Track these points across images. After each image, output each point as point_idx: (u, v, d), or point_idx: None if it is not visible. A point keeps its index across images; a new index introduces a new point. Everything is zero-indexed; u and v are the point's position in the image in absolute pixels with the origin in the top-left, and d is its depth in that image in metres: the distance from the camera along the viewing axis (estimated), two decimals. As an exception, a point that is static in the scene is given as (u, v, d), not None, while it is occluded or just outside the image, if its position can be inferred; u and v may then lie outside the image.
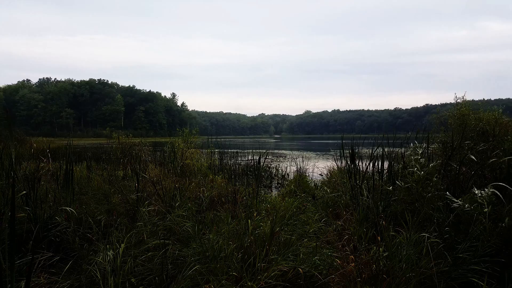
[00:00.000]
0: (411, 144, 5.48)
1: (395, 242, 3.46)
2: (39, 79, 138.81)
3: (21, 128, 32.37)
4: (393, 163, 5.45)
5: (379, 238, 3.59)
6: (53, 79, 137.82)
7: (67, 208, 4.42)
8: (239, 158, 11.58)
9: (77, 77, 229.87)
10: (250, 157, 13.26)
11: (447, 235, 3.56)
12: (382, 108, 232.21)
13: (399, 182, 4.50)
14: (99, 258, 3.27)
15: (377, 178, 5.49)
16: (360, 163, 6.01)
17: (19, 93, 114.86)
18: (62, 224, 4.22)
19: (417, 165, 4.42)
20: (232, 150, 13.99)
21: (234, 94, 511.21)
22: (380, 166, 5.55)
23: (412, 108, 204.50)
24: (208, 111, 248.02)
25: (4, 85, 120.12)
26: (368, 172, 5.64)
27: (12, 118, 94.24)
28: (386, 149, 5.82)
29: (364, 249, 3.60)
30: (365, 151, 6.91)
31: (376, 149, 5.64)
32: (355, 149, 6.19)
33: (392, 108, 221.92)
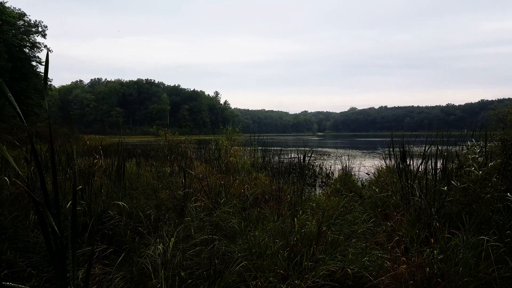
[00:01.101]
0: (468, 143, 5.16)
1: (451, 245, 3.32)
2: (91, 79, 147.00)
3: (74, 126, 34.88)
4: (447, 162, 5.17)
5: (432, 240, 3.43)
6: (103, 80, 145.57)
7: (119, 203, 4.65)
8: (282, 156, 11.54)
9: (125, 77, 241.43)
10: (293, 155, 13.20)
11: (508, 239, 3.37)
12: (433, 104, 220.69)
13: (454, 182, 4.26)
14: (150, 251, 3.41)
15: (430, 177, 5.23)
16: (411, 162, 5.76)
17: (72, 93, 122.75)
18: (115, 218, 4.44)
19: (475, 165, 4.17)
20: (275, 148, 13.99)
21: (276, 92, 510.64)
22: (433, 165, 5.28)
23: (466, 104, 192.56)
24: (250, 109, 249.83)
25: (59, 85, 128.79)
26: (420, 171, 5.39)
27: (69, 117, 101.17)
28: (439, 147, 5.53)
29: (416, 252, 3.47)
30: (416, 149, 6.60)
31: (429, 148, 5.37)
32: (406, 147, 5.93)
33: (444, 104, 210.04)
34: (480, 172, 3.96)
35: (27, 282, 3.02)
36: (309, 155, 7.54)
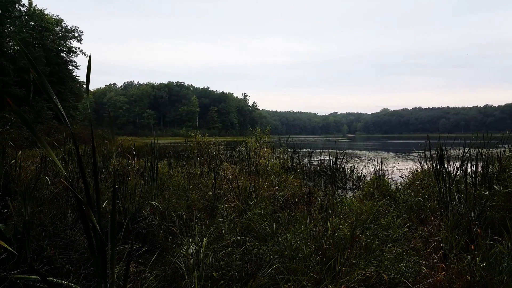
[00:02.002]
0: (510, 145, 4.90)
1: (493, 252, 3.17)
2: (124, 82, 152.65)
3: (108, 128, 36.17)
4: (488, 166, 4.92)
5: (472, 247, 3.28)
6: (136, 83, 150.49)
7: (153, 202, 4.75)
8: (312, 158, 11.41)
9: (157, 80, 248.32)
10: (322, 157, 13.03)
11: None
12: (470, 105, 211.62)
13: (496, 186, 4.04)
14: (182, 251, 3.45)
15: (469, 181, 4.99)
16: (449, 165, 5.53)
17: (106, 96, 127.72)
18: (148, 217, 4.53)
19: (520, 168, 3.94)
20: (304, 150, 13.86)
21: (305, 93, 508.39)
22: (473, 168, 5.04)
23: (505, 105, 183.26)
24: (278, 110, 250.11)
25: (94, 88, 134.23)
26: (458, 175, 5.17)
27: (102, 119, 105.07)
28: (479, 150, 5.28)
29: (456, 258, 3.34)
30: (452, 152, 6.33)
31: (468, 150, 5.13)
32: (442, 149, 5.69)
33: (482, 105, 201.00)
34: (526, 176, 3.74)
35: (65, 279, 3.10)
36: (342, 157, 7.41)
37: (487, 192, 4.21)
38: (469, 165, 5.27)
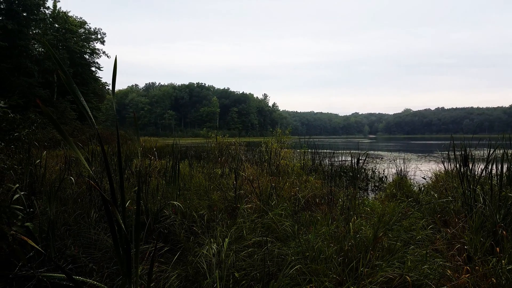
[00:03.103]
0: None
1: None
2: (145, 83, 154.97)
3: (130, 128, 36.87)
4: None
5: (498, 249, 3.19)
6: (157, 84, 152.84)
7: (174, 202, 4.80)
8: (332, 159, 11.31)
9: (178, 81, 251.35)
10: (343, 158, 12.88)
11: None
12: (495, 106, 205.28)
13: (524, 188, 3.91)
14: (204, 251, 3.49)
15: (494, 183, 4.85)
16: (473, 166, 5.37)
17: (128, 97, 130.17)
18: (170, 217, 4.59)
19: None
20: (325, 151, 13.75)
21: (325, 93, 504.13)
22: (499, 169, 4.89)
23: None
24: (298, 111, 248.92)
25: (116, 90, 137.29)
26: (483, 176, 5.02)
27: (125, 120, 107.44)
28: (505, 151, 5.12)
29: (480, 260, 3.27)
30: (477, 153, 6.15)
31: (494, 151, 4.98)
32: (467, 150, 5.55)
33: (507, 105, 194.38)
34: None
35: (89, 277, 3.16)
36: (365, 158, 7.31)
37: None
38: (494, 166, 5.11)
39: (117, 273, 3.20)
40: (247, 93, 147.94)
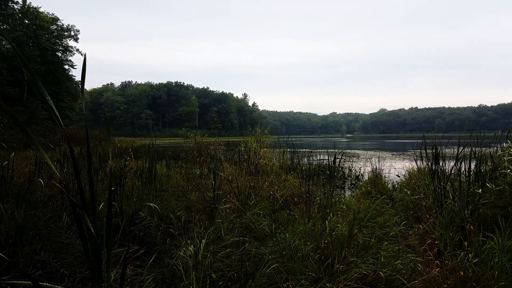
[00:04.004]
0: (502, 144, 4.95)
1: (485, 248, 3.24)
2: (122, 82, 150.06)
3: (105, 128, 35.78)
4: (481, 164, 4.97)
5: (466, 243, 3.32)
6: (134, 82, 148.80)
7: (150, 204, 4.70)
8: (311, 158, 11.44)
9: (155, 80, 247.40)
10: (321, 157, 13.04)
11: None
12: (465, 105, 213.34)
13: (489, 184, 4.09)
14: (180, 253, 3.45)
15: (463, 180, 5.04)
16: (443, 164, 5.57)
17: (103, 96, 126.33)
18: (146, 219, 4.50)
19: (510, 166, 3.99)
20: (304, 150, 13.88)
21: (305, 93, 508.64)
22: (466, 167, 5.09)
23: (498, 105, 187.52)
24: (278, 110, 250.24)
25: (90, 88, 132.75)
26: (453, 173, 5.21)
27: (99, 120, 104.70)
28: (472, 149, 5.33)
29: (450, 255, 3.40)
30: (447, 151, 6.37)
31: (462, 149, 5.18)
32: (438, 148, 5.73)
33: (476, 105, 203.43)
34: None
35: (60, 283, 3.10)
36: (341, 157, 7.42)
37: (480, 190, 4.25)
38: (463, 163, 5.31)
39: (90, 278, 3.12)
40: (227, 93, 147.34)
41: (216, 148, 13.83)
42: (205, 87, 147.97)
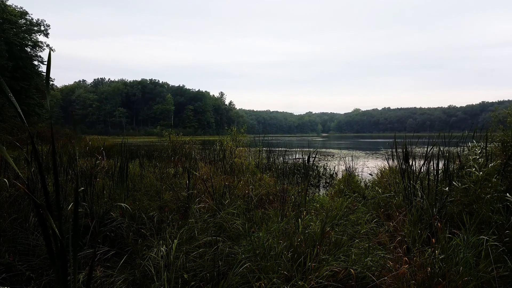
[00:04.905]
0: (468, 144, 5.17)
1: (451, 245, 3.34)
2: (94, 79, 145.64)
3: (77, 126, 34.61)
4: (449, 163, 5.16)
5: (433, 240, 3.44)
6: (107, 79, 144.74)
7: (122, 204, 4.62)
8: (287, 157, 11.53)
9: (129, 77, 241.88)
10: (297, 156, 13.17)
11: (507, 239, 3.41)
12: (435, 106, 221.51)
13: (455, 182, 4.25)
14: (152, 253, 3.39)
15: (432, 178, 5.22)
16: (413, 163, 5.74)
17: (75, 93, 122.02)
18: (117, 220, 4.41)
19: (475, 165, 4.17)
20: (280, 149, 13.96)
21: (282, 93, 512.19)
22: (435, 166, 5.27)
23: (467, 106, 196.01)
24: (255, 109, 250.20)
25: (61, 85, 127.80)
26: (422, 172, 5.38)
27: (70, 118, 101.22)
28: (441, 148, 5.53)
29: (418, 251, 3.49)
30: (418, 150, 6.59)
31: (431, 148, 5.36)
32: (408, 148, 5.91)
33: (446, 106, 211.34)
34: (481, 172, 3.96)
35: (26, 286, 3.01)
36: (313, 155, 7.52)
37: (447, 188, 4.41)
38: (432, 162, 5.50)
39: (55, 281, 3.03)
40: (203, 91, 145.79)
41: (192, 147, 13.69)
42: (181, 85, 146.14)
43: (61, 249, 1.71)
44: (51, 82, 44.21)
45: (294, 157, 12.88)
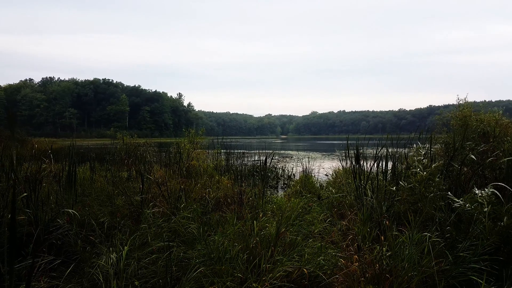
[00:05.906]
0: (414, 145, 5.48)
1: (398, 242, 3.49)
2: (42, 78, 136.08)
3: (22, 128, 32.27)
4: (397, 164, 5.45)
5: (382, 237, 3.60)
6: (56, 79, 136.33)
7: (69, 210, 4.37)
8: (246, 159, 11.56)
9: (81, 77, 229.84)
10: (256, 158, 13.25)
11: (448, 235, 3.62)
12: (387, 109, 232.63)
13: (402, 182, 4.49)
14: (101, 261, 3.26)
15: (381, 178, 5.47)
16: (365, 164, 5.99)
17: (21, 93, 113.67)
18: (64, 227, 4.18)
19: (420, 166, 4.43)
20: (239, 151, 13.98)
21: (241, 95, 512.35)
22: (384, 166, 5.53)
23: (416, 109, 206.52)
24: (215, 111, 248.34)
25: (5, 84, 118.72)
26: (373, 172, 5.63)
27: (14, 118, 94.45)
28: (390, 150, 5.83)
29: (368, 249, 3.63)
30: (370, 151, 6.89)
31: (380, 150, 5.62)
32: (360, 149, 6.17)
33: (397, 109, 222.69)
34: (425, 172, 4.20)
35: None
36: (271, 157, 7.61)
37: (395, 188, 4.65)
38: (382, 163, 5.78)
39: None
40: (161, 92, 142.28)
41: (146, 150, 13.30)
42: (136, 86, 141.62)
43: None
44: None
45: (253, 159, 12.95)
